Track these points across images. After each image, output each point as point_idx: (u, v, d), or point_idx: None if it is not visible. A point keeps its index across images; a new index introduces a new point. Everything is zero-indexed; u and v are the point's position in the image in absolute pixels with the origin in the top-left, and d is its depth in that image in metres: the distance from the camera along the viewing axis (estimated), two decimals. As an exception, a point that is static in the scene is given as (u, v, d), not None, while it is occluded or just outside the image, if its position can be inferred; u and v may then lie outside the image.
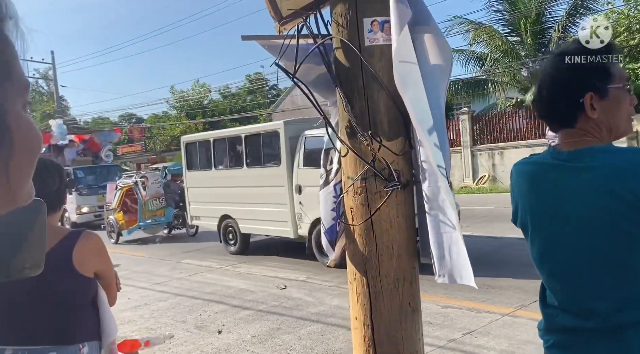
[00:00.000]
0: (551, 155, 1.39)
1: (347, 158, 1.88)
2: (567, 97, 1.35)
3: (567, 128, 1.37)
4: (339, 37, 1.89)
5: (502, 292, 5.60)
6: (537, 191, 1.41)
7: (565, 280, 1.37)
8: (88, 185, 16.48)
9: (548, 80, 1.39)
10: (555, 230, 1.36)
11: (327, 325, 5.04)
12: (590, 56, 1.33)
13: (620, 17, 15.32)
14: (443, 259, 1.76)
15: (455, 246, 1.73)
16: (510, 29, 19.64)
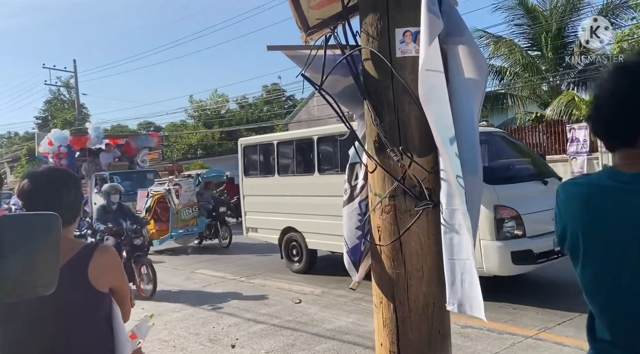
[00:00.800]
0: (609, 176, 1.28)
1: (375, 174, 1.78)
2: (628, 114, 1.25)
3: (626, 148, 1.26)
4: (368, 48, 1.81)
5: (523, 313, 5.41)
6: (594, 214, 1.29)
7: (621, 312, 1.25)
8: (125, 191, 16.38)
9: (607, 95, 1.28)
10: (614, 257, 1.24)
11: (343, 343, 4.90)
12: None
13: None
14: (453, 286, 1.68)
15: (468, 275, 1.64)
16: (530, 43, 19.45)
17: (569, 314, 5.16)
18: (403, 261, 1.72)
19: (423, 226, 1.71)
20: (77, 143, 16.43)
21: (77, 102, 36.67)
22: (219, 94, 42.62)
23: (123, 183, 14.74)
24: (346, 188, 2.08)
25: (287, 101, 40.94)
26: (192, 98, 42.53)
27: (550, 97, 18.47)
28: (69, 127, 37.66)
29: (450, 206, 1.65)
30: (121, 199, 7.93)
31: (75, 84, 36.14)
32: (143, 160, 17.34)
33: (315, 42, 2.07)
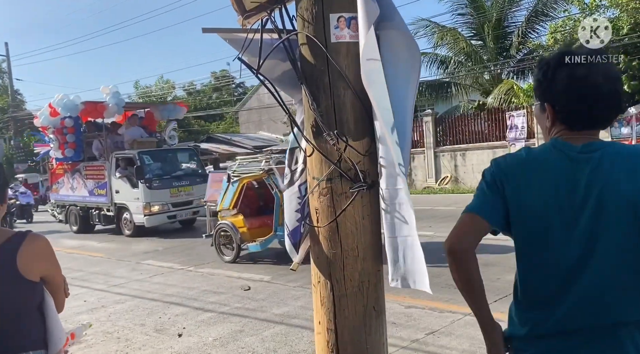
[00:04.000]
0: (562, 148, 1.40)
1: (313, 158, 1.82)
2: (618, 102, 1.40)
3: (594, 130, 1.42)
4: (304, 32, 1.83)
5: (464, 291, 5.67)
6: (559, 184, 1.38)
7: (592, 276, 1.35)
8: (158, 175, 11.98)
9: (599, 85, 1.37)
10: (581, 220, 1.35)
11: (291, 327, 4.97)
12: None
13: (576, 24, 15.85)
14: (397, 263, 1.73)
15: (411, 251, 1.70)
16: (473, 32, 20.07)
17: (504, 291, 5.46)
18: (339, 241, 1.78)
19: (358, 207, 1.77)
20: (88, 114, 12.98)
21: (11, 87, 34.57)
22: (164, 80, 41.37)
23: (153, 165, 12.02)
24: (286, 173, 2.11)
25: (237, 88, 40.32)
26: (137, 84, 41.06)
27: (491, 85, 19.19)
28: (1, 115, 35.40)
29: (391, 186, 1.69)
30: None
31: (8, 68, 34.04)
32: (171, 136, 13.52)
33: (252, 25, 2.07)
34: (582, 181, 1.34)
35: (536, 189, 1.38)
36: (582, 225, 1.34)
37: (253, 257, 8.53)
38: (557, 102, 1.42)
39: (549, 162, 1.40)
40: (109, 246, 11.17)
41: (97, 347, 4.70)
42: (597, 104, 1.37)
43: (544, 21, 18.78)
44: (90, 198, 12.98)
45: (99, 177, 12.63)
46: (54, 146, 13.21)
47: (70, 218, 13.88)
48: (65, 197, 13.82)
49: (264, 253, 8.75)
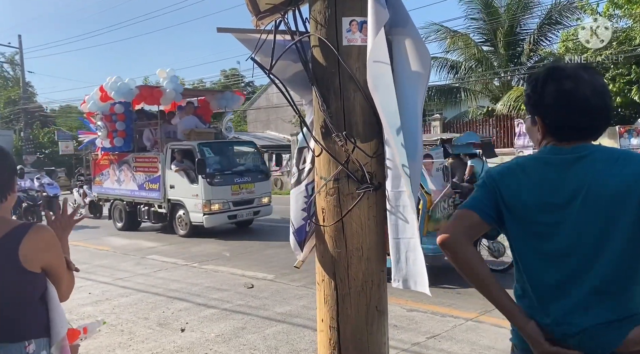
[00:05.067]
0: (553, 152, 1.46)
1: (321, 158, 1.85)
2: (606, 115, 1.46)
3: (585, 141, 1.46)
4: (316, 35, 1.87)
5: (467, 297, 5.67)
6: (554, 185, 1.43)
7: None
8: (219, 170, 10.68)
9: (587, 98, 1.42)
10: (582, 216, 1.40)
11: (293, 326, 5.00)
12: None
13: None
14: (399, 264, 1.77)
15: (413, 253, 1.74)
16: (484, 38, 20.04)
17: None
18: (344, 240, 1.81)
19: (364, 208, 1.80)
20: (144, 99, 11.52)
21: (23, 79, 34.90)
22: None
23: (213, 158, 10.67)
24: (294, 172, 2.15)
25: (246, 87, 40.45)
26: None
27: (501, 92, 19.14)
28: (12, 107, 35.70)
29: (395, 188, 1.74)
30: None
31: (21, 60, 34.36)
32: (228, 127, 12.10)
33: (266, 26, 2.11)
34: (572, 180, 1.41)
35: (529, 189, 1.45)
36: (572, 221, 1.40)
37: (261, 254, 8.59)
38: (546, 115, 1.48)
39: (541, 163, 1.48)
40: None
41: (101, 339, 4.75)
42: (585, 116, 1.43)
43: (556, 29, 18.72)
44: (140, 193, 11.52)
45: (151, 170, 11.19)
46: (101, 134, 11.80)
47: (115, 214, 12.51)
48: (110, 190, 12.49)
49: (269, 251, 8.80)
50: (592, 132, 1.46)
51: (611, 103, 1.47)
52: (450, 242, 1.46)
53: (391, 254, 1.79)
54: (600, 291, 1.39)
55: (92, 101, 11.70)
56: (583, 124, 1.44)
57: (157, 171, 11.01)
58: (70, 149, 31.97)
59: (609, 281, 1.38)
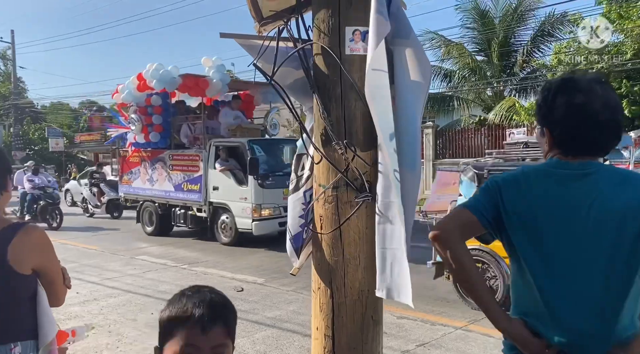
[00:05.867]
0: (559, 166, 1.46)
1: (320, 166, 1.86)
2: (616, 131, 1.44)
3: (593, 157, 1.45)
4: (319, 43, 1.88)
5: (456, 306, 5.70)
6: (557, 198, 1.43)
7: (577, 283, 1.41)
8: (270, 171, 9.48)
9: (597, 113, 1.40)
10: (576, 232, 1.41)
11: (283, 330, 4.98)
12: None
13: (580, 46, 16.00)
14: (383, 274, 1.76)
15: (398, 264, 1.73)
16: (478, 47, 20.21)
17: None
18: (342, 249, 1.81)
19: (362, 217, 1.80)
20: (188, 90, 10.26)
21: (14, 75, 34.58)
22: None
23: (262, 157, 9.44)
24: (292, 178, 2.15)
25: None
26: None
27: (493, 101, 19.30)
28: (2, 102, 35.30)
29: (386, 199, 1.73)
30: None
31: (13, 55, 34.09)
32: (273, 124, 10.84)
33: (269, 33, 2.11)
34: (575, 196, 1.40)
35: (530, 200, 1.44)
36: (569, 239, 1.39)
37: (252, 258, 8.56)
38: (555, 128, 1.46)
39: (545, 176, 1.46)
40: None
41: (88, 340, 4.69)
42: (594, 132, 1.40)
43: (549, 41, 18.94)
44: (177, 194, 10.30)
45: (190, 170, 9.97)
46: (135, 128, 10.52)
47: (144, 216, 11.30)
48: (141, 190, 11.22)
49: (259, 255, 8.77)
50: (601, 148, 1.45)
51: (622, 120, 1.45)
52: (442, 237, 1.47)
53: (377, 263, 1.79)
54: (594, 310, 1.38)
55: (127, 90, 10.47)
56: (591, 140, 1.42)
57: (198, 171, 9.80)
58: (60, 146, 31.68)
59: (602, 300, 1.38)
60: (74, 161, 31.94)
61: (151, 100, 10.28)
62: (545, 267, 1.44)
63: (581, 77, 1.46)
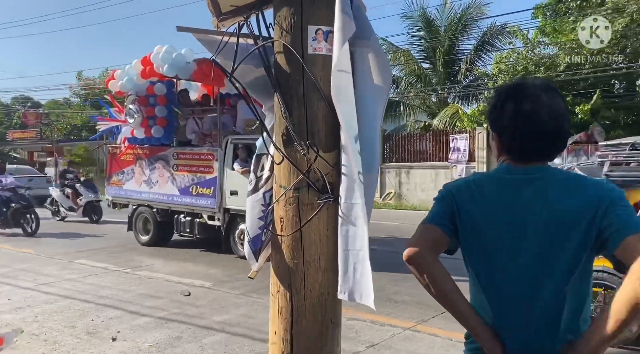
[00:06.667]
0: (508, 171, 1.48)
1: (282, 166, 1.82)
2: (562, 139, 1.45)
3: (540, 162, 1.46)
4: (281, 41, 1.84)
5: (404, 307, 5.80)
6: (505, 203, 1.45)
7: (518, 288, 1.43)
8: None
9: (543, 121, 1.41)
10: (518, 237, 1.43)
11: (232, 335, 4.88)
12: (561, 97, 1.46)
13: (519, 57, 16.83)
14: (346, 276, 1.75)
15: (361, 265, 1.72)
16: (425, 55, 20.83)
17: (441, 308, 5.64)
18: (302, 251, 1.78)
19: (323, 218, 1.78)
20: (203, 79, 8.70)
21: (-63, 65, 32.01)
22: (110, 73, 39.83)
23: None
24: (251, 179, 2.10)
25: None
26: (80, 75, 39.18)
27: (438, 108, 19.94)
28: None
29: (349, 200, 1.72)
30: None
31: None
32: None
33: (228, 29, 2.05)
34: (524, 202, 1.41)
35: (482, 206, 1.46)
36: (520, 241, 1.41)
37: (199, 261, 8.33)
38: (503, 133, 1.48)
39: (495, 182, 1.49)
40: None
41: (22, 350, 4.40)
42: (539, 139, 1.42)
43: (491, 51, 19.80)
44: (182, 199, 8.87)
45: (201, 171, 8.58)
46: (133, 122, 8.99)
47: (138, 224, 9.81)
48: (135, 193, 9.66)
49: (207, 258, 8.56)
50: (547, 154, 1.47)
51: (568, 127, 1.46)
52: (416, 258, 1.44)
53: (339, 265, 1.77)
54: (544, 315, 1.40)
55: (126, 76, 9.02)
56: (537, 147, 1.44)
57: (212, 172, 8.43)
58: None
59: (550, 306, 1.39)
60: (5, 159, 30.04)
61: (154, 88, 8.82)
62: (493, 276, 1.45)
63: (530, 83, 1.48)
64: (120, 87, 9.23)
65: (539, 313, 1.40)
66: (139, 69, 8.81)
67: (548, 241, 1.39)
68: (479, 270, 1.49)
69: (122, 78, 9.16)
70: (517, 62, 16.63)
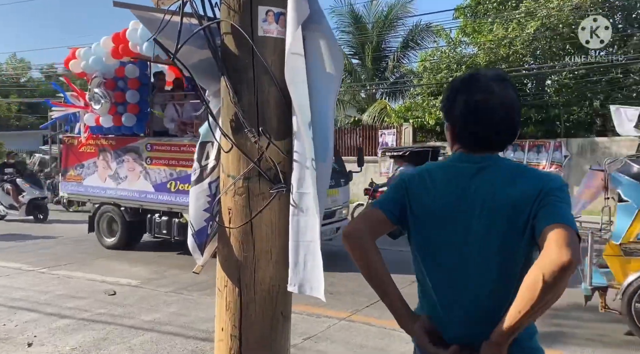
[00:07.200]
0: (462, 159, 1.50)
1: (230, 155, 1.72)
2: (512, 129, 1.47)
3: (490, 151, 1.48)
4: (229, 21, 1.74)
5: (339, 297, 5.85)
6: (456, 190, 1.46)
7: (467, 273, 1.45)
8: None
9: (494, 112, 1.43)
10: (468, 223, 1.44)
11: (163, 334, 4.66)
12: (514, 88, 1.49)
13: (442, 56, 17.54)
14: (296, 267, 1.71)
15: (311, 257, 1.68)
16: (354, 51, 21.14)
17: (375, 297, 5.75)
18: (253, 243, 1.70)
19: (275, 209, 1.71)
20: None
21: None
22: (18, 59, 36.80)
23: None
24: (195, 168, 1.97)
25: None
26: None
27: (366, 103, 20.33)
28: None
29: (300, 189, 1.66)
30: None
31: None
32: None
33: (169, 7, 1.91)
34: (473, 191, 1.44)
35: (433, 194, 1.47)
36: (468, 229, 1.43)
37: (125, 258, 7.88)
38: (455, 123, 1.50)
39: (446, 171, 1.50)
40: None
41: None
42: (489, 130, 1.45)
43: (416, 49, 20.48)
44: (159, 196, 7.77)
45: (181, 165, 7.51)
46: (100, 108, 7.81)
47: (102, 224, 8.69)
48: (98, 190, 8.48)
49: (133, 255, 8.13)
50: (497, 144, 1.49)
51: (518, 118, 1.48)
52: (353, 236, 1.47)
53: (290, 257, 1.72)
54: (486, 306, 1.41)
55: (92, 56, 7.80)
56: (487, 137, 1.46)
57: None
58: None
59: (491, 295, 1.41)
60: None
61: (125, 70, 7.81)
62: (440, 264, 1.46)
63: (482, 75, 1.50)
64: (85, 67, 7.93)
65: (480, 302, 1.42)
66: (109, 47, 7.59)
67: (489, 230, 1.40)
68: (425, 257, 1.49)
69: (86, 58, 7.91)
70: (440, 60, 17.32)
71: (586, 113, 16.33)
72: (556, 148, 14.64)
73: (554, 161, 14.62)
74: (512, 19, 16.01)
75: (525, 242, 1.40)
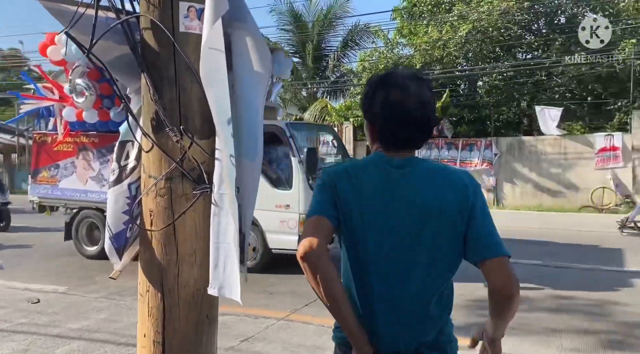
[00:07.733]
0: (384, 162, 1.50)
1: (151, 154, 1.65)
2: (428, 127, 1.48)
3: (408, 151, 1.50)
4: (148, 16, 1.67)
5: (279, 297, 5.82)
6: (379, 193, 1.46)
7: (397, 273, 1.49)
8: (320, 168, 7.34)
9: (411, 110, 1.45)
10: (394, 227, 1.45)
11: (92, 342, 4.44)
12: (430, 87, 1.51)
13: (380, 56, 17.91)
14: (216, 270, 1.66)
15: (230, 260, 1.64)
16: (294, 50, 21.12)
17: (313, 296, 5.77)
18: (176, 246, 1.64)
19: (199, 210, 1.66)
20: None
21: None
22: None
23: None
24: (114, 168, 1.88)
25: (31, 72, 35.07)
26: None
27: (308, 102, 20.39)
28: None
29: (220, 190, 1.62)
30: None
31: None
32: (278, 105, 8.72)
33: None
34: (394, 193, 1.45)
35: (358, 195, 1.46)
36: (393, 232, 1.44)
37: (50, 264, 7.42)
38: (374, 122, 1.51)
39: (370, 172, 1.49)
40: None
41: None
42: (408, 127, 1.46)
43: (355, 49, 20.78)
44: None
45: None
46: (83, 102, 6.83)
47: (81, 231, 7.91)
48: (77, 193, 7.61)
49: (60, 260, 7.68)
50: (414, 143, 1.51)
51: (433, 116, 1.51)
52: (313, 256, 1.37)
53: (210, 259, 1.67)
54: (412, 307, 1.44)
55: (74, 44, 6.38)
56: (405, 135, 1.47)
57: None
58: None
59: (418, 297, 1.43)
60: None
61: None
62: (368, 266, 1.46)
63: (399, 73, 1.51)
64: (64, 55, 6.71)
65: (408, 304, 1.44)
66: None
67: (415, 232, 1.42)
68: (352, 258, 1.49)
69: (68, 44, 6.48)
70: (378, 60, 17.68)
71: (514, 113, 17.24)
72: (487, 147, 15.37)
73: (485, 159, 15.34)
74: (445, 21, 16.61)
75: (449, 245, 1.44)
